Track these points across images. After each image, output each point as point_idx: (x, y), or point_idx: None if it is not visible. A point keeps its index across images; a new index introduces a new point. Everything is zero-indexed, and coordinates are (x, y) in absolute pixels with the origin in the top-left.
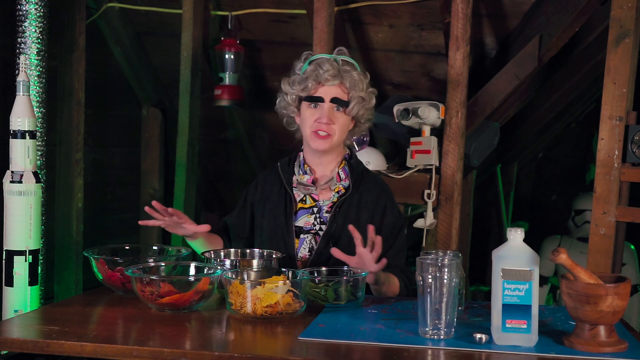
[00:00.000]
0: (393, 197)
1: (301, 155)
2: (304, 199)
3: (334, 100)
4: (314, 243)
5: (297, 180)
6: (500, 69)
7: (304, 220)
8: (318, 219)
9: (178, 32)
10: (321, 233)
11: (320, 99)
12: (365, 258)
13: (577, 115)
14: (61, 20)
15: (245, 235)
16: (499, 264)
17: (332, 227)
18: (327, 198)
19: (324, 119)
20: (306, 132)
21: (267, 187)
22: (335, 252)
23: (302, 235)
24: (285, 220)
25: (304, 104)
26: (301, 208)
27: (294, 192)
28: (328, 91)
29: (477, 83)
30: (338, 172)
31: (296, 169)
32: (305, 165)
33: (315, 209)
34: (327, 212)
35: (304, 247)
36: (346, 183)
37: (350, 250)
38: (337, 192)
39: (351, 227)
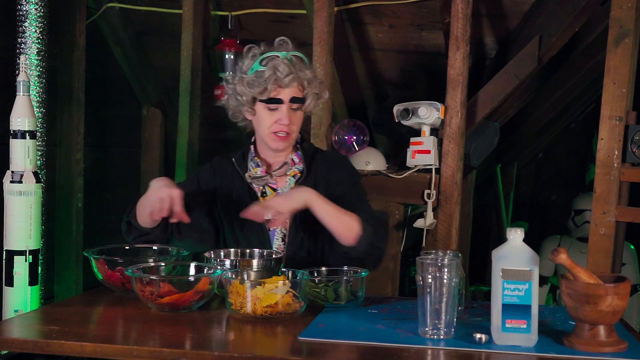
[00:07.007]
0: (347, 162)
1: (252, 149)
2: (264, 190)
3: (293, 99)
4: (284, 231)
5: (251, 175)
6: (500, 69)
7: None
8: None
9: (178, 32)
10: (288, 221)
11: (280, 101)
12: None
13: (577, 115)
14: (61, 20)
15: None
16: (498, 264)
17: (296, 214)
18: (285, 185)
19: (285, 121)
20: (264, 133)
21: (225, 181)
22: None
23: (272, 228)
24: None
25: (261, 105)
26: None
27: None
28: (287, 92)
29: (477, 83)
30: (292, 158)
31: (249, 164)
32: (256, 158)
33: None
34: None
35: (276, 239)
36: (300, 166)
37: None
38: (294, 177)
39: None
